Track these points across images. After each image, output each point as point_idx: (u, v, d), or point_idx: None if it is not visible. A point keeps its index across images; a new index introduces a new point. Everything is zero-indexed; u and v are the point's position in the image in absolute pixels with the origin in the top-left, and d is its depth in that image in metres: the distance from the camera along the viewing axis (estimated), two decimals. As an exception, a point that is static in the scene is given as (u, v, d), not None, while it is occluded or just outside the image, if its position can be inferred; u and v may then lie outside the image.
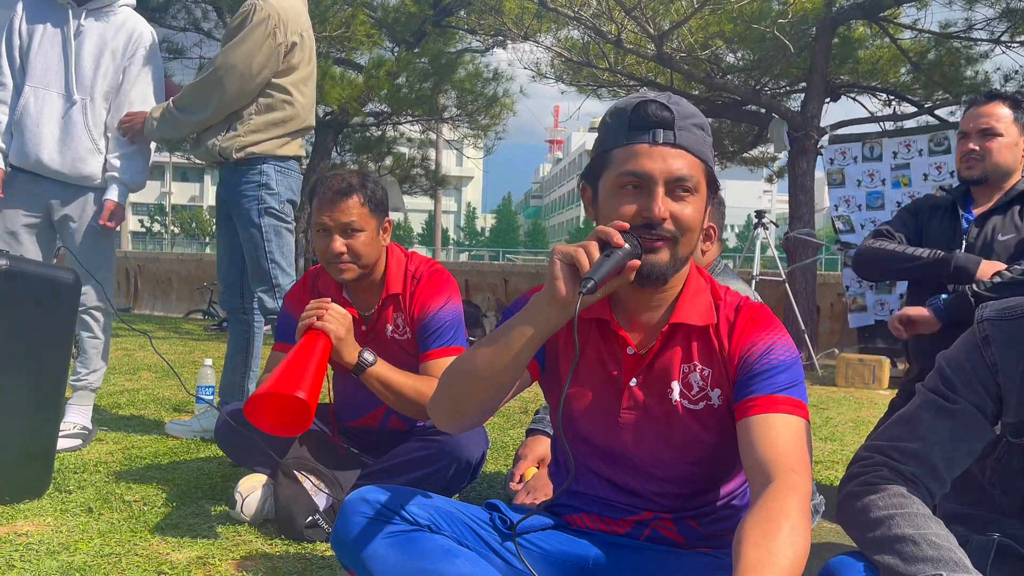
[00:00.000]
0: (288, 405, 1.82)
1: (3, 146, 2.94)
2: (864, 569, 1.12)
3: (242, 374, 3.16)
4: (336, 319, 2.04)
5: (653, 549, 1.41)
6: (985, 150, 2.34)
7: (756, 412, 1.27)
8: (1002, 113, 2.36)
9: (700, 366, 1.36)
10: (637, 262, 1.24)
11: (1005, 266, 2.21)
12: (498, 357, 1.28)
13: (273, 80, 2.97)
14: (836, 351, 7.23)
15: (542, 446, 2.49)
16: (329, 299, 2.11)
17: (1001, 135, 2.35)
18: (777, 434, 1.24)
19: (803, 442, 1.25)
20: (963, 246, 2.34)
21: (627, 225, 1.25)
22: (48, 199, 2.99)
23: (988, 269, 2.20)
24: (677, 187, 1.28)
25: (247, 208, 2.98)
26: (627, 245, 1.22)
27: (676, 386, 1.36)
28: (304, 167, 10.11)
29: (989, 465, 1.27)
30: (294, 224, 3.09)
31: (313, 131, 4.67)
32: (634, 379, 1.38)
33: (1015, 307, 1.24)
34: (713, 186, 1.35)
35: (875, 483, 1.20)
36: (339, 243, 2.19)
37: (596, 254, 1.20)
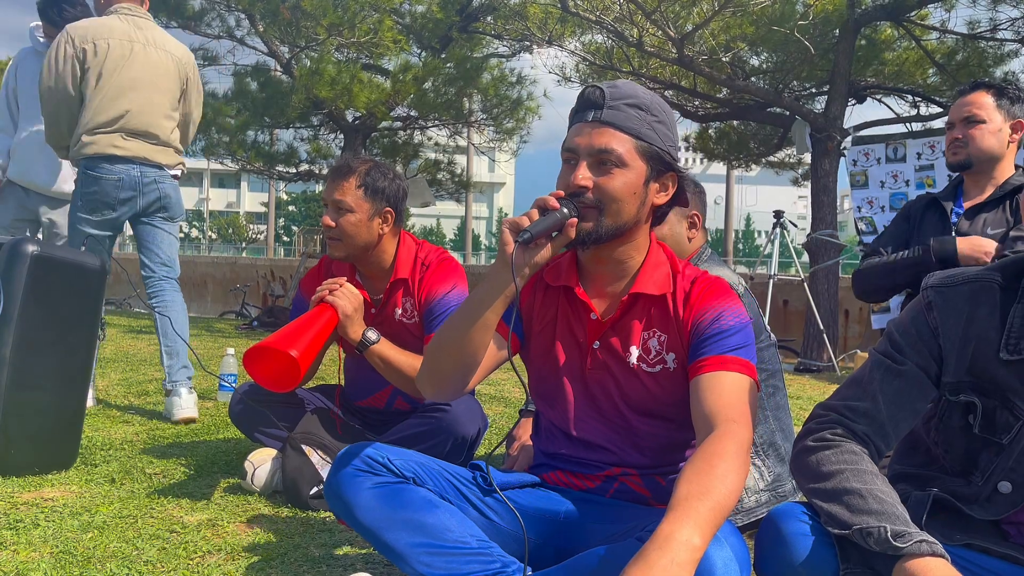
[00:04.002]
0: (281, 361, 1.98)
1: (3, 162, 3.73)
2: (802, 512, 1.21)
3: (168, 352, 3.28)
4: (346, 296, 2.17)
5: (619, 505, 1.50)
6: (968, 137, 2.41)
7: (706, 371, 1.37)
8: (984, 101, 2.42)
9: (658, 332, 1.48)
10: (575, 219, 1.38)
11: (983, 239, 2.27)
12: (465, 317, 1.42)
13: (87, 88, 3.22)
14: (857, 352, 7.21)
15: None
16: (345, 278, 2.25)
17: (984, 121, 2.41)
18: (723, 389, 1.34)
19: (747, 396, 1.35)
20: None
21: (562, 193, 1.40)
22: (38, 206, 3.81)
23: (964, 244, 2.26)
24: (600, 160, 1.40)
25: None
26: (564, 208, 1.37)
27: (635, 350, 1.48)
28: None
29: (933, 425, 1.34)
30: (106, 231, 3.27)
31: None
32: (597, 342, 1.50)
33: (956, 275, 1.32)
34: (656, 163, 1.43)
35: (830, 440, 1.28)
36: (327, 218, 2.34)
37: (536, 217, 1.36)
